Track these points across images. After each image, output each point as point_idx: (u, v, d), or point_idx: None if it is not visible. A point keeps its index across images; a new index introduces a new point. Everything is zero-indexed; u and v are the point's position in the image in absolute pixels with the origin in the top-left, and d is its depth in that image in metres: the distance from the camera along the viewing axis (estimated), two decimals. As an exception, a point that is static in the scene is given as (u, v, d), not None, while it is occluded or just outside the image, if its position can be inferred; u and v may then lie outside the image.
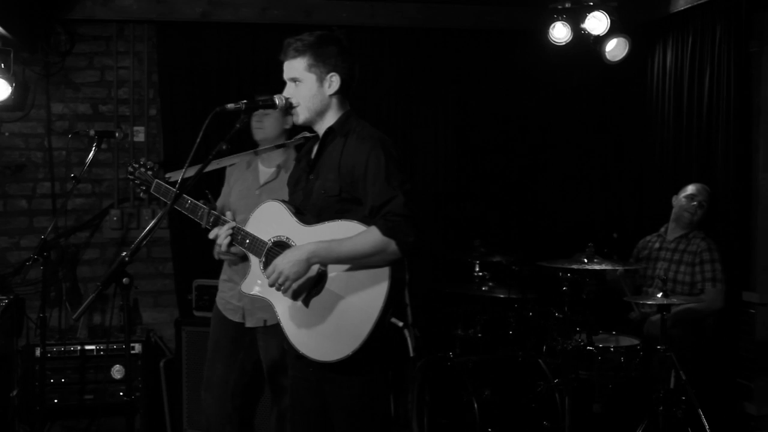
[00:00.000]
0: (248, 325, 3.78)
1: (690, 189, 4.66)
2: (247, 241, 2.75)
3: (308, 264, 2.57)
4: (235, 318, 3.81)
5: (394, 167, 2.59)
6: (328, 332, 2.59)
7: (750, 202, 4.70)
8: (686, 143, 5.05)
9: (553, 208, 5.63)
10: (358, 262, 2.54)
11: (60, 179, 5.10)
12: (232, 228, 2.77)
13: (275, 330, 3.73)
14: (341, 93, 2.75)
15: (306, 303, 2.65)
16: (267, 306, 3.69)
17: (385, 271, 2.53)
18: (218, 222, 2.81)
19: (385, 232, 2.48)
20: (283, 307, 2.71)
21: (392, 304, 2.53)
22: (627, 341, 4.28)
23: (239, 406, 3.94)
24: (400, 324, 2.51)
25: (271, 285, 2.60)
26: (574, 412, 4.07)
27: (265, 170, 3.79)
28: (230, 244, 2.78)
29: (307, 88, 2.72)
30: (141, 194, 3.13)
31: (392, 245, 2.48)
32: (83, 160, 4.38)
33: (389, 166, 2.58)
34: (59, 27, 5.05)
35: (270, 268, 2.60)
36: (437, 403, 4.26)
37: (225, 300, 3.83)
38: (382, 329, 2.52)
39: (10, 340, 4.66)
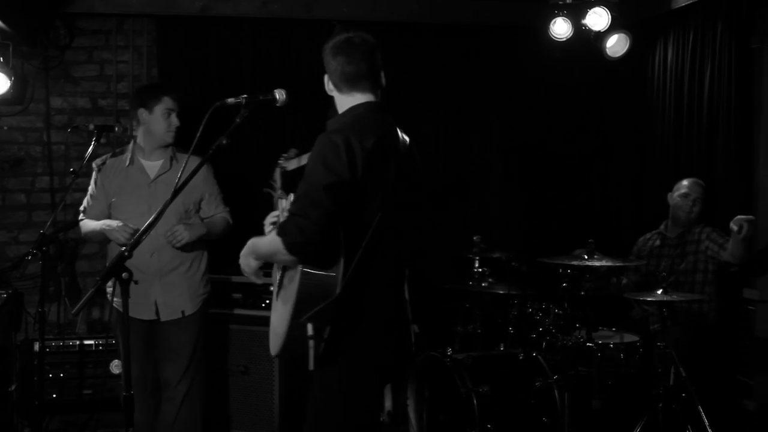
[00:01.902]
0: (164, 318, 3.89)
1: (683, 187, 4.65)
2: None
3: (251, 258, 2.67)
4: (146, 316, 3.89)
5: (318, 164, 2.49)
6: (273, 326, 2.68)
7: (750, 198, 4.70)
8: (687, 140, 5.04)
9: (553, 204, 5.62)
10: (272, 260, 2.62)
11: (59, 174, 5.08)
12: (276, 217, 2.86)
13: (189, 320, 3.91)
14: (342, 90, 2.73)
15: (277, 294, 2.73)
16: (182, 296, 3.89)
17: (298, 270, 2.49)
18: (276, 207, 2.93)
19: (277, 231, 2.48)
20: (273, 296, 2.81)
21: (308, 306, 2.44)
22: (627, 338, 4.28)
23: (160, 400, 4.07)
24: (310, 333, 2.44)
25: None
26: (573, 408, 4.07)
27: (152, 164, 3.95)
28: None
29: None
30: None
31: (281, 246, 2.44)
32: (82, 154, 4.37)
33: (315, 164, 2.50)
34: (58, 21, 5.03)
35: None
36: (436, 399, 4.25)
37: (132, 302, 3.90)
38: (298, 330, 2.46)
39: (8, 334, 4.64)
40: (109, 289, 3.89)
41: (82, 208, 4.11)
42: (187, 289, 3.95)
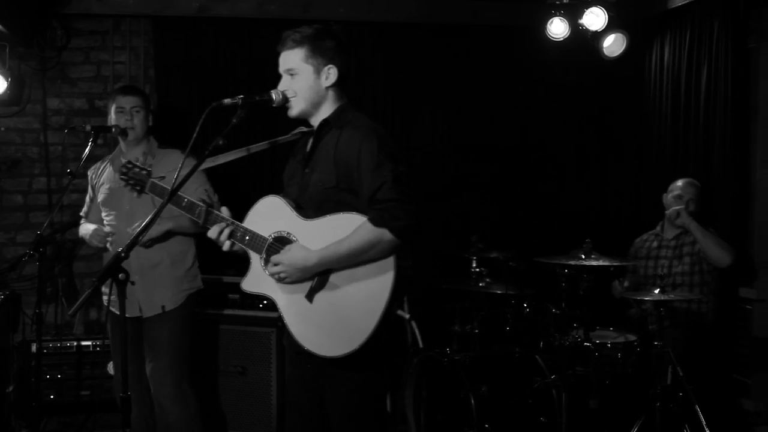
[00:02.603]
0: (146, 315, 3.88)
1: (677, 189, 4.63)
2: (247, 237, 2.71)
3: (313, 269, 2.57)
4: (131, 313, 3.85)
5: (385, 155, 2.57)
6: (334, 327, 2.56)
7: (747, 198, 4.70)
8: (683, 139, 5.05)
9: (550, 203, 5.62)
10: (360, 258, 2.51)
11: (56, 174, 5.08)
12: (231, 225, 2.72)
13: (170, 316, 3.86)
14: (338, 86, 2.75)
15: (310, 299, 2.62)
16: (162, 292, 3.82)
17: (390, 262, 2.50)
18: (217, 220, 2.75)
19: (376, 222, 2.47)
20: (286, 304, 2.68)
21: (399, 295, 2.50)
22: (624, 337, 4.28)
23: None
24: (407, 316, 2.48)
25: (272, 273, 2.62)
26: (570, 408, 4.07)
27: None
28: (232, 244, 2.74)
29: (303, 80, 2.71)
30: (135, 195, 3.09)
31: (386, 234, 2.46)
32: (79, 155, 4.38)
33: (380, 154, 2.57)
34: (55, 22, 5.03)
35: (275, 268, 2.60)
36: (434, 399, 4.25)
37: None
38: (389, 322, 2.50)
39: (6, 335, 4.65)
40: (106, 290, 3.87)
41: (82, 212, 4.13)
42: (169, 284, 3.91)
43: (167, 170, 3.08)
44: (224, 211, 2.77)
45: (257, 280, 2.73)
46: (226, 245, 2.73)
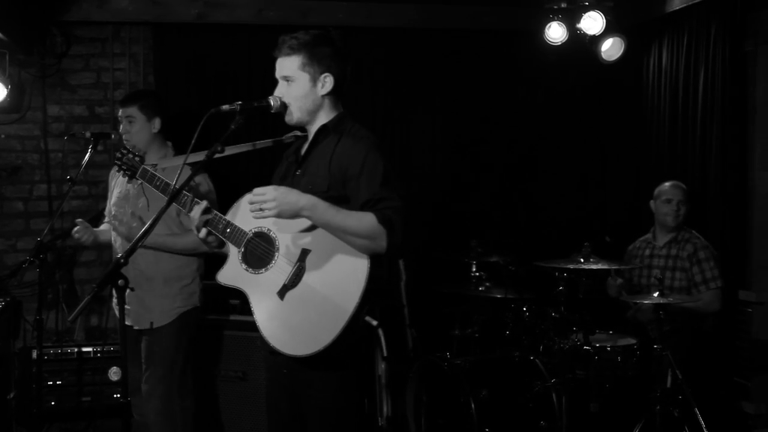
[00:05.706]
0: (136, 327, 3.85)
1: (665, 193, 4.63)
2: (228, 230, 2.73)
3: (299, 211, 2.53)
4: (127, 321, 3.80)
5: (390, 172, 2.61)
6: (302, 326, 2.58)
7: (745, 200, 4.71)
8: (681, 142, 5.06)
9: (549, 207, 5.64)
10: (345, 237, 2.52)
11: (56, 181, 5.09)
12: (212, 215, 2.73)
13: (160, 332, 3.82)
14: (334, 94, 2.75)
15: (281, 296, 2.64)
16: (152, 308, 3.80)
17: (364, 267, 2.52)
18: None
19: (381, 220, 2.50)
20: (258, 300, 2.70)
21: (368, 302, 2.52)
22: (624, 341, 4.28)
23: None
24: (374, 323, 2.49)
25: (254, 201, 2.56)
26: (571, 411, 4.08)
27: None
28: (208, 233, 2.75)
29: (299, 87, 2.71)
30: (127, 181, 3.14)
31: (383, 236, 2.49)
32: (79, 161, 4.38)
33: (387, 170, 2.61)
34: (55, 29, 5.05)
35: (263, 189, 2.56)
36: (434, 404, 4.26)
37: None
38: (356, 326, 2.52)
39: (7, 342, 4.65)
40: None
41: (106, 211, 4.20)
42: (159, 301, 3.85)
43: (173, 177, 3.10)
44: (203, 204, 2.79)
45: (233, 273, 2.75)
46: (202, 233, 2.75)
